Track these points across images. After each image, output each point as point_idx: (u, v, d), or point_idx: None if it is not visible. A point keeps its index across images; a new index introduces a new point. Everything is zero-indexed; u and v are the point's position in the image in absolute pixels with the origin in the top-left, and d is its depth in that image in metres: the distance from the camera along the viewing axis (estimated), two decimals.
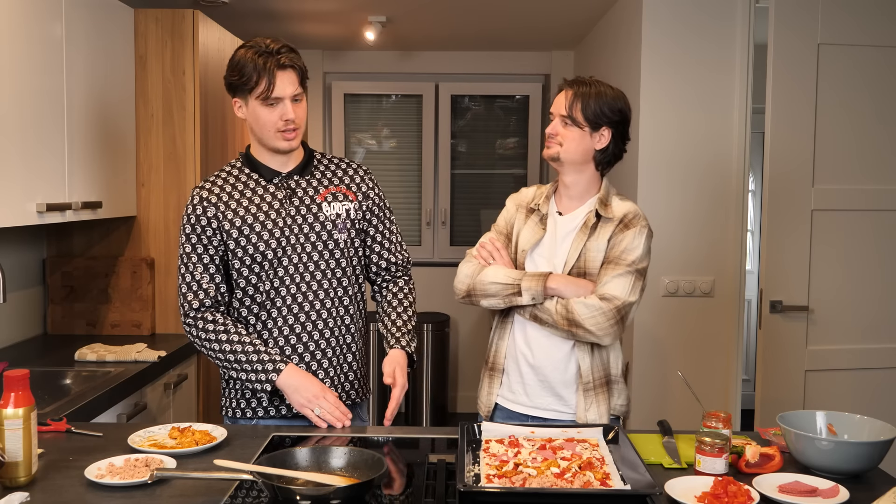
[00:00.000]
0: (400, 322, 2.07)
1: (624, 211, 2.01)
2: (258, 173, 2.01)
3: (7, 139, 2.23)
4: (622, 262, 1.95)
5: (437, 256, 5.34)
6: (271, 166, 2.01)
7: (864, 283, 3.04)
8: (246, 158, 2.04)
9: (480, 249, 2.11)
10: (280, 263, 1.97)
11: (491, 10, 4.02)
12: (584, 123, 1.99)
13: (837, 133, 2.99)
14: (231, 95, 1.97)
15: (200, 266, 1.96)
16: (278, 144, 1.96)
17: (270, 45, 1.91)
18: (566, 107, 2.00)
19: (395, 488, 1.58)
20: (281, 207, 1.98)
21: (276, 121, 1.93)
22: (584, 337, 1.95)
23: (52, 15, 2.46)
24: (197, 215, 1.96)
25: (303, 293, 1.99)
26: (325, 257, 2.00)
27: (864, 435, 1.67)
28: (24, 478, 1.51)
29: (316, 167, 2.07)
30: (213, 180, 2.02)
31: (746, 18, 3.19)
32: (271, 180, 2.01)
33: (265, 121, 1.93)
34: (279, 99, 1.91)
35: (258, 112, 1.93)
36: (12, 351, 2.79)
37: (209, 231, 1.96)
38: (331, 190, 2.04)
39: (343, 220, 2.02)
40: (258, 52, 1.90)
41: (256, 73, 1.89)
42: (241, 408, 2.02)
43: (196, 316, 1.95)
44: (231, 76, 1.93)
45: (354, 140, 5.34)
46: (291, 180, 2.02)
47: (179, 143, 3.09)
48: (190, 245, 1.96)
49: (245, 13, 4.03)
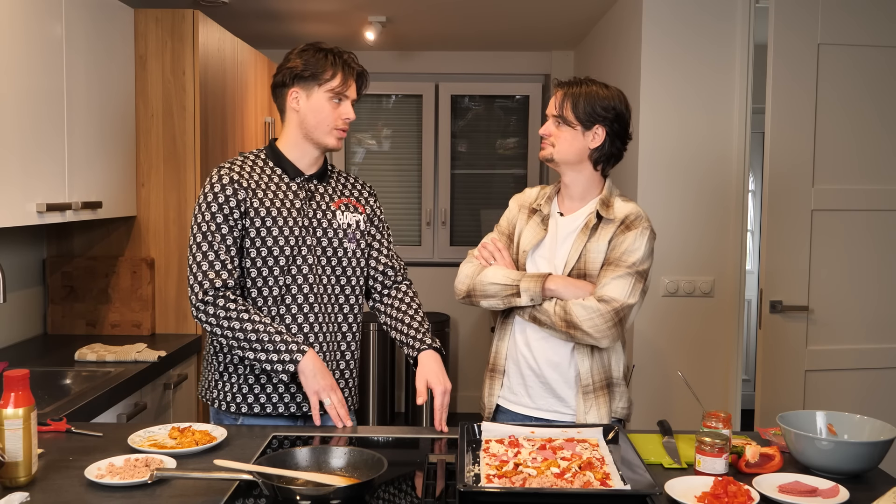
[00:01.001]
0: (416, 324, 2.06)
1: (626, 212, 2.00)
2: (282, 168, 2.02)
3: (7, 139, 2.23)
4: (622, 263, 1.94)
5: (436, 256, 5.34)
6: (298, 165, 2.02)
7: (864, 283, 3.04)
8: (271, 151, 2.04)
9: (482, 250, 2.11)
10: (294, 262, 1.97)
11: (491, 10, 4.03)
12: (575, 123, 1.99)
13: (837, 133, 2.99)
14: (289, 85, 1.97)
15: (224, 245, 1.91)
16: (330, 141, 1.99)
17: (341, 50, 1.99)
18: (557, 106, 2.01)
19: (395, 488, 1.58)
20: (302, 207, 2.00)
21: (337, 118, 1.98)
22: (581, 339, 1.94)
23: (52, 15, 2.46)
24: (226, 195, 1.92)
25: (315, 294, 1.99)
26: (332, 264, 2.01)
27: (864, 435, 1.67)
28: (24, 478, 1.51)
29: (331, 176, 2.10)
30: (240, 164, 2.00)
31: (746, 18, 3.19)
32: (294, 178, 2.02)
33: (327, 115, 1.97)
34: (346, 98, 1.98)
35: (323, 105, 1.96)
36: (12, 351, 2.79)
37: (237, 213, 1.93)
38: (344, 200, 2.07)
39: (353, 230, 2.05)
40: (333, 52, 1.97)
41: (333, 69, 1.95)
42: (238, 402, 1.99)
43: (216, 294, 1.87)
44: (302, 65, 1.95)
45: (354, 140, 5.34)
46: (311, 183, 2.04)
47: (179, 143, 3.09)
48: (214, 223, 1.90)
49: (245, 13, 4.03)
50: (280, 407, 1.99)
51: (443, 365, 2.00)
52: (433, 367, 1.97)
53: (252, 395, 1.99)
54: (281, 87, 2.00)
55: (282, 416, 2.00)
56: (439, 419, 1.90)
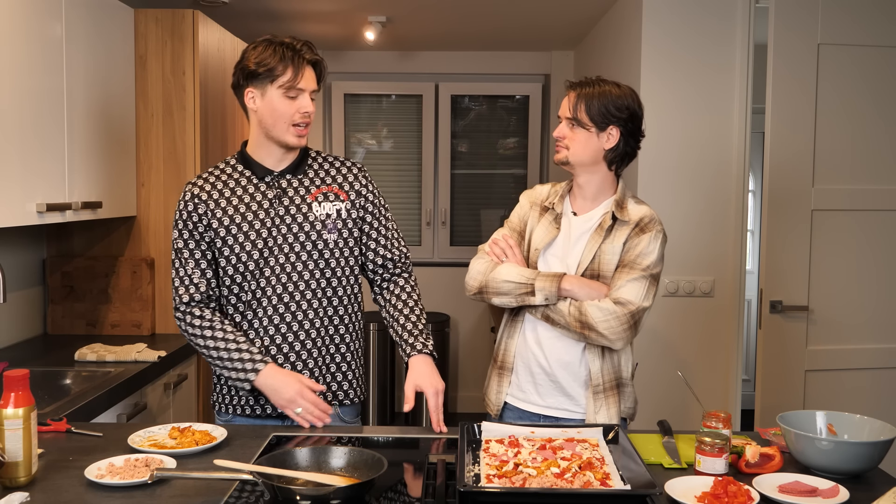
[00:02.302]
0: (409, 325, 2.03)
1: (640, 214, 2.00)
2: (251, 170, 2.01)
3: (7, 139, 2.23)
4: (637, 266, 1.94)
5: (436, 256, 5.34)
6: (265, 164, 2.00)
7: (864, 283, 3.04)
8: (241, 155, 2.04)
9: (493, 246, 2.09)
10: (266, 264, 1.96)
11: (491, 10, 4.02)
12: (589, 124, 1.97)
13: (837, 133, 2.99)
14: (244, 86, 1.95)
15: (192, 261, 1.97)
16: (289, 139, 1.95)
17: (293, 41, 1.93)
18: (570, 109, 1.99)
19: (395, 488, 1.58)
20: (270, 207, 1.97)
21: (294, 113, 1.93)
22: (596, 340, 1.94)
23: (52, 15, 2.46)
24: (188, 211, 1.97)
25: (289, 293, 1.97)
26: (313, 257, 1.98)
27: (864, 435, 1.67)
28: (24, 478, 1.51)
29: (310, 166, 2.05)
30: (205, 177, 2.02)
31: (746, 18, 3.19)
32: (263, 178, 2.00)
33: (282, 112, 1.92)
34: (301, 91, 1.92)
35: (277, 103, 1.92)
36: (12, 351, 2.79)
37: (200, 227, 1.97)
38: (322, 190, 2.01)
39: (333, 220, 2.00)
40: (283, 44, 1.92)
41: (283, 63, 1.90)
42: (234, 404, 2.02)
43: (185, 310, 1.97)
44: (253, 64, 1.91)
45: (354, 140, 5.34)
46: (283, 179, 2.00)
47: (179, 143, 3.09)
48: (182, 240, 1.98)
49: (245, 13, 4.03)
50: (268, 408, 1.99)
51: (434, 366, 1.98)
52: (422, 371, 1.96)
53: (238, 395, 2.01)
54: (237, 87, 1.97)
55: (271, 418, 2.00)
56: (436, 420, 1.90)
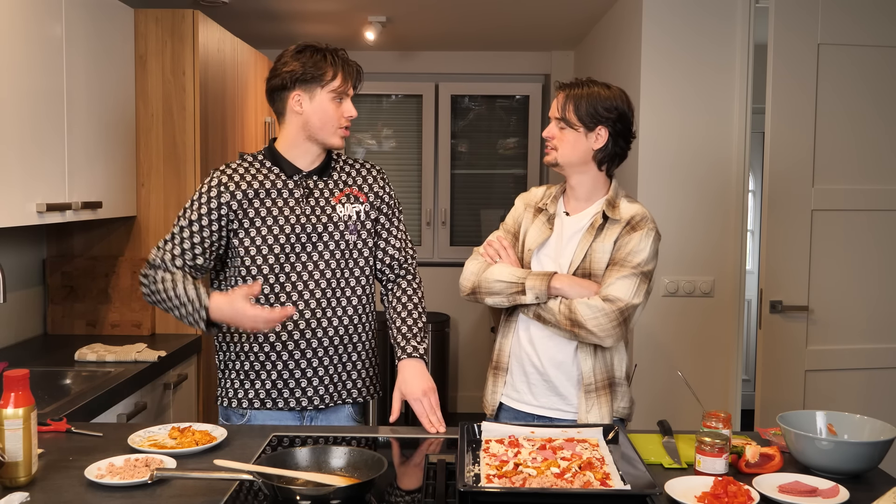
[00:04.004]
0: (405, 328, 2.07)
1: (632, 213, 2.01)
2: (280, 168, 2.04)
3: (7, 139, 2.23)
4: (628, 263, 1.95)
5: (437, 256, 5.34)
6: (296, 164, 2.04)
7: (864, 283, 3.04)
8: (269, 152, 2.06)
9: (487, 247, 2.11)
10: (287, 259, 1.99)
11: (491, 10, 4.02)
12: (577, 124, 1.99)
13: (837, 133, 2.99)
14: (290, 88, 1.98)
15: (188, 242, 1.99)
16: (335, 141, 2.02)
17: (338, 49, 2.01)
18: (559, 109, 2.02)
19: (395, 488, 1.58)
20: (296, 206, 2.01)
21: (340, 117, 2.00)
22: (586, 338, 1.95)
23: (52, 15, 2.46)
24: (211, 196, 1.99)
25: (310, 290, 2.01)
26: (335, 257, 2.03)
27: (864, 435, 1.67)
28: (24, 478, 1.51)
29: (334, 168, 2.10)
30: (234, 167, 2.05)
31: (746, 18, 3.19)
32: (291, 177, 2.03)
33: (332, 115, 1.99)
34: (347, 96, 2.00)
35: (326, 106, 1.98)
36: (12, 351, 2.78)
37: (214, 215, 1.98)
38: (345, 192, 2.07)
39: (354, 221, 2.05)
40: (333, 51, 1.99)
41: (334, 69, 1.97)
42: (239, 397, 2.03)
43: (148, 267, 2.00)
44: (304, 68, 1.95)
45: (354, 140, 5.34)
46: (310, 180, 2.05)
47: (179, 143, 3.09)
48: (186, 219, 1.99)
49: (245, 13, 4.03)
50: (280, 402, 2.01)
51: (423, 369, 2.00)
52: (406, 378, 1.99)
53: (253, 390, 2.02)
54: (280, 90, 2.00)
55: (281, 410, 2.02)
56: (428, 422, 1.92)
